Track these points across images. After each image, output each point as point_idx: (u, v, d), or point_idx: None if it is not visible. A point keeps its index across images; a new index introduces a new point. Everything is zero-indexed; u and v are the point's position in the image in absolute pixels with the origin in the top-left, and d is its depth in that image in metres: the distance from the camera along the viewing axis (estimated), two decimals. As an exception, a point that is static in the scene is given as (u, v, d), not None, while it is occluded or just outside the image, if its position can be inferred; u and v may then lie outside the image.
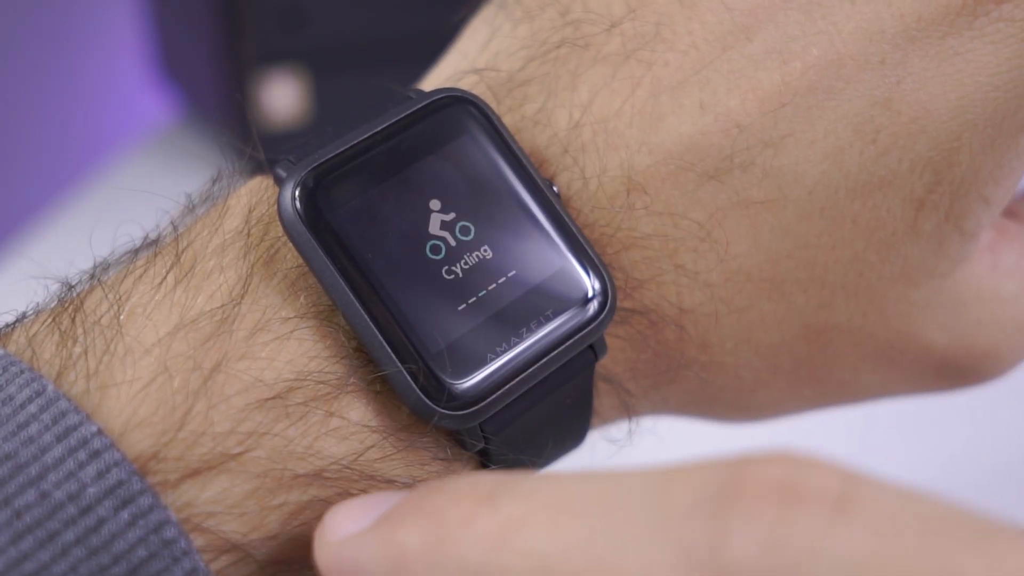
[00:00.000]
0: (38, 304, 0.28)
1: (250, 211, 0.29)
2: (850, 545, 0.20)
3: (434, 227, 0.28)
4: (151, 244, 0.29)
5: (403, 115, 0.29)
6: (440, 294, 0.28)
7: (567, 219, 0.29)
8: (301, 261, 0.28)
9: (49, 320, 0.27)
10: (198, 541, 0.25)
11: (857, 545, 0.20)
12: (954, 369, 0.33)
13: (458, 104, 0.29)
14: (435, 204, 0.28)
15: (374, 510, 0.25)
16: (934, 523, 0.20)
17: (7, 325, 0.28)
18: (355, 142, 0.28)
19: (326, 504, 0.27)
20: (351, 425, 0.27)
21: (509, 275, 0.28)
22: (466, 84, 0.31)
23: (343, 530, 0.25)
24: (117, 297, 0.27)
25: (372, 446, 0.27)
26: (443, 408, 0.27)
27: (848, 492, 0.20)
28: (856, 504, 0.20)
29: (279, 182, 0.28)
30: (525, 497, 0.23)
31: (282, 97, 0.67)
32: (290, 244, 0.28)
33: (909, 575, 0.19)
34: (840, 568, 0.19)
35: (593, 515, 0.22)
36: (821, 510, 0.20)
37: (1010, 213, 0.33)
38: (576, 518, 0.22)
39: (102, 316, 0.27)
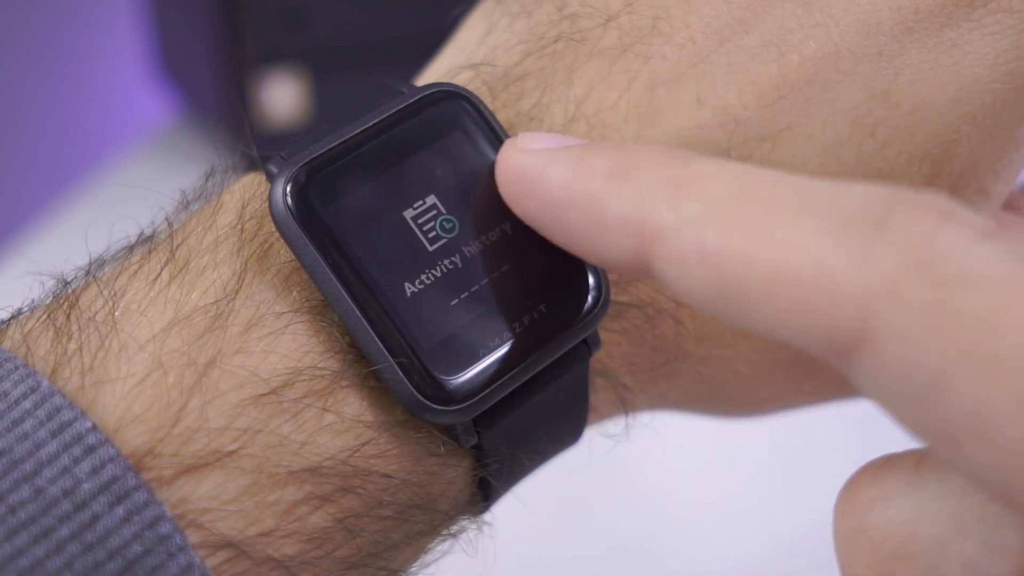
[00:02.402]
0: (33, 301, 0.28)
1: (243, 207, 0.29)
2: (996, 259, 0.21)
3: (427, 222, 0.28)
4: (146, 241, 0.29)
5: (395, 110, 0.29)
6: (433, 289, 0.28)
7: (562, 213, 0.29)
8: (294, 256, 0.27)
9: (44, 317, 0.27)
10: (193, 537, 0.25)
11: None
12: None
13: (451, 99, 0.29)
14: (428, 199, 0.28)
15: (567, 142, 0.27)
16: None
17: (2, 322, 0.28)
18: (347, 137, 0.28)
19: (321, 500, 0.27)
20: (346, 420, 0.27)
21: (502, 270, 0.28)
22: (462, 79, 0.31)
23: (535, 144, 0.27)
24: (112, 293, 0.27)
25: (367, 441, 0.27)
26: (436, 403, 0.27)
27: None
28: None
29: (271, 178, 0.28)
30: (716, 165, 0.24)
31: (282, 97, 0.67)
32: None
33: None
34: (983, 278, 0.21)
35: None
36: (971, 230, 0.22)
37: (1009, 206, 0.33)
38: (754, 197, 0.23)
39: (97, 312, 0.27)
